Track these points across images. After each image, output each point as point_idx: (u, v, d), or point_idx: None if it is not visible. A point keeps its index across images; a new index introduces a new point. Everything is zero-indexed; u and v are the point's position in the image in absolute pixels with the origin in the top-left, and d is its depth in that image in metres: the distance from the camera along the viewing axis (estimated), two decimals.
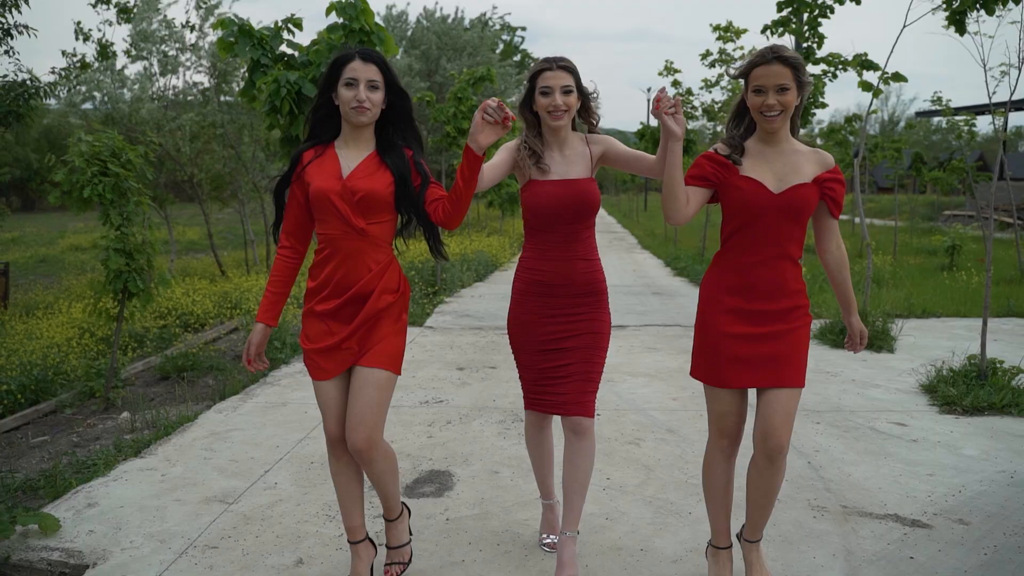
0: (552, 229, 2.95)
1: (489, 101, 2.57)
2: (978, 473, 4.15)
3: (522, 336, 3.06)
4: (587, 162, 2.98)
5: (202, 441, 4.65)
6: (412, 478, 4.07)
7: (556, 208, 2.91)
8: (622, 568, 3.11)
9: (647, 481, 4.02)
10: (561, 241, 2.96)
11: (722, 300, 2.77)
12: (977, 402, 5.28)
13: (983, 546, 3.31)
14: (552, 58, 2.92)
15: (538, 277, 3.00)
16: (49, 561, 3.20)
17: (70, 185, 6.50)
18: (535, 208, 2.93)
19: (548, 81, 2.86)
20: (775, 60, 2.60)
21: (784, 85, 2.60)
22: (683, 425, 4.94)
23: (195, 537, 3.39)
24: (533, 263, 3.01)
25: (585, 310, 2.99)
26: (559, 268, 2.96)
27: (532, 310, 3.02)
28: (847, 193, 4.61)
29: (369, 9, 6.64)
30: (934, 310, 9.41)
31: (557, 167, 2.96)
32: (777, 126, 2.67)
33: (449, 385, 5.98)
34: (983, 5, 6.79)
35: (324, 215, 2.76)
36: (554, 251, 2.96)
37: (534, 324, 3.02)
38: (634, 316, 9.13)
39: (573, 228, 2.95)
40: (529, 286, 3.03)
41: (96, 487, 3.94)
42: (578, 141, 3.02)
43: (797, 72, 2.61)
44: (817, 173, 2.70)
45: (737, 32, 13.20)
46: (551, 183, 2.93)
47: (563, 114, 2.89)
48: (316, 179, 2.76)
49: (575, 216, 2.93)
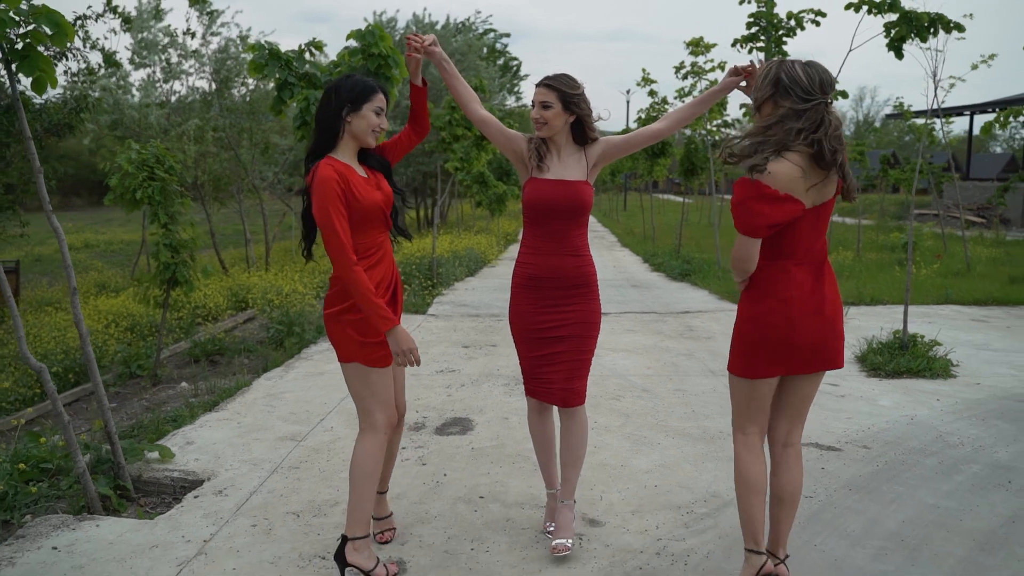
0: (545, 224, 3.22)
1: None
2: (886, 417, 5.25)
3: (518, 325, 3.32)
4: (583, 166, 3.25)
5: (262, 400, 5.66)
6: (440, 423, 5.11)
7: (550, 204, 3.18)
8: (608, 476, 4.17)
9: (625, 423, 5.08)
10: (553, 237, 3.21)
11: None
12: (897, 368, 6.39)
13: (878, 461, 4.40)
14: (545, 77, 3.24)
15: (531, 271, 3.26)
16: (171, 478, 4.20)
17: (123, 188, 7.44)
18: (532, 203, 3.20)
19: (534, 96, 3.23)
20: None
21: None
22: (655, 387, 6.01)
23: (279, 462, 4.40)
24: (527, 258, 3.28)
25: (575, 301, 3.27)
26: (550, 262, 3.22)
27: (526, 301, 3.29)
28: None
29: (387, 35, 7.64)
30: (882, 298, 10.55)
31: (555, 169, 3.24)
32: None
33: (458, 359, 7.01)
34: (917, 34, 7.78)
35: (373, 223, 3.00)
36: (547, 246, 3.22)
37: (529, 315, 3.28)
38: (615, 304, 10.21)
39: (565, 225, 3.21)
40: (524, 280, 3.29)
41: (188, 431, 4.94)
42: (576, 149, 3.29)
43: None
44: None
45: (707, 47, 14.34)
46: (548, 182, 3.21)
47: (541, 126, 3.21)
48: (365, 194, 2.95)
49: (567, 213, 3.19)
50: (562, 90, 3.18)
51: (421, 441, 4.75)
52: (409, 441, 4.73)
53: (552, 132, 3.22)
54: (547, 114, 3.18)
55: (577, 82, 3.24)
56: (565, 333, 3.26)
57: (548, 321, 3.26)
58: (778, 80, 2.64)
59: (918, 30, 7.69)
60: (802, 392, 2.85)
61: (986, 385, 6.09)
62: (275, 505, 3.80)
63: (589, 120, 3.25)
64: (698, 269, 13.57)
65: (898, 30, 7.67)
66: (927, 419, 5.20)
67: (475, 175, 20.22)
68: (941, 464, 4.37)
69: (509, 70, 38.74)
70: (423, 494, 3.95)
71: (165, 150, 7.68)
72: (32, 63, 3.69)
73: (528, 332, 3.30)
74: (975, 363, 6.79)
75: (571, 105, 3.19)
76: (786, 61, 2.67)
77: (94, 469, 4.06)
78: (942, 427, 5.03)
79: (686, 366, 6.68)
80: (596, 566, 3.20)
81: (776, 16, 10.12)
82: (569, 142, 3.29)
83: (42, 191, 3.95)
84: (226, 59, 17.94)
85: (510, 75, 38.37)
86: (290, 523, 3.58)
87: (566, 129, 3.26)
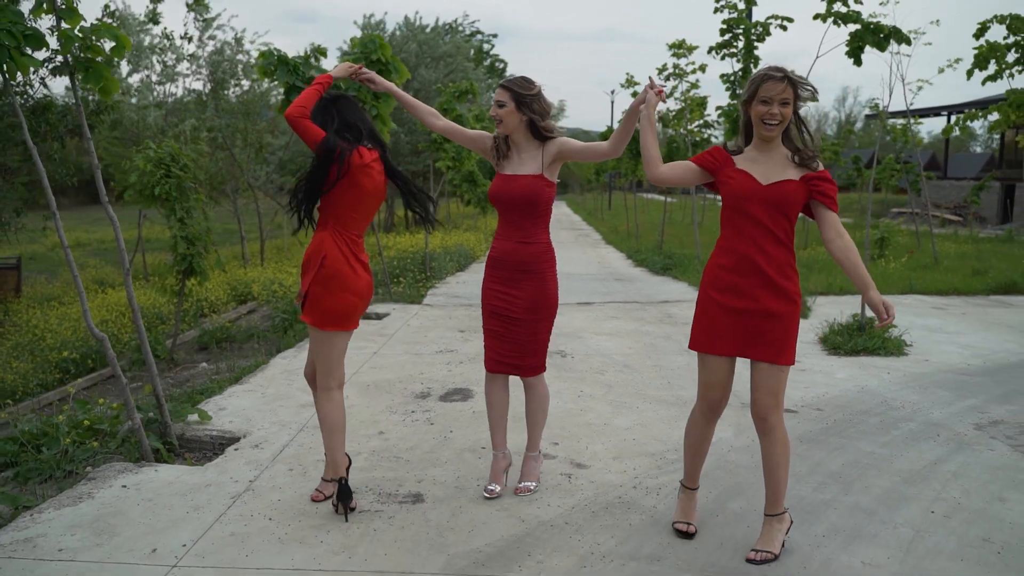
0: (505, 214, 3.63)
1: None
2: (840, 387, 5.91)
3: (483, 301, 3.77)
4: (539, 162, 3.58)
5: (280, 375, 6.25)
6: (443, 392, 5.72)
7: (504, 197, 3.58)
8: (593, 432, 4.80)
9: (608, 392, 5.72)
10: (511, 225, 3.62)
11: (721, 277, 3.16)
12: (855, 347, 7.06)
13: (828, 420, 5.06)
14: (503, 78, 3.89)
15: (494, 254, 3.68)
16: (211, 436, 4.79)
17: (142, 185, 8.01)
18: (491, 195, 3.63)
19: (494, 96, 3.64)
20: (782, 78, 3.02)
21: (786, 99, 3.03)
22: (635, 363, 6.64)
23: (303, 423, 5.00)
24: (495, 242, 3.70)
25: (528, 282, 3.61)
26: (509, 247, 3.61)
27: (490, 279, 3.71)
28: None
29: (386, 44, 8.25)
30: (849, 289, 11.24)
31: (513, 164, 3.63)
32: (774, 135, 3.08)
33: (455, 341, 7.62)
34: (875, 44, 8.42)
35: (374, 207, 3.68)
36: (507, 233, 3.63)
37: (489, 291, 3.71)
38: (599, 295, 10.85)
39: (520, 215, 3.58)
40: (490, 260, 3.71)
41: (219, 400, 5.52)
42: (535, 146, 3.62)
43: (801, 85, 3.07)
44: (804, 174, 3.10)
45: (689, 48, 15.01)
46: (504, 176, 3.62)
47: (499, 123, 3.57)
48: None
49: (520, 205, 3.56)
50: (515, 91, 3.54)
51: (428, 407, 5.36)
52: (417, 406, 5.34)
53: (508, 129, 3.58)
54: (501, 112, 3.54)
55: (533, 84, 3.58)
56: (519, 315, 3.62)
57: (502, 296, 3.65)
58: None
59: (876, 41, 8.34)
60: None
61: (933, 361, 6.77)
62: (305, 455, 4.40)
63: (539, 120, 3.57)
64: (679, 264, 14.22)
65: (855, 40, 8.32)
66: (876, 388, 5.86)
67: (464, 174, 20.80)
68: (882, 422, 5.03)
69: (496, 71, 39.36)
70: (433, 446, 4.56)
71: (179, 149, 8.25)
72: (96, 73, 4.27)
73: (487, 306, 3.72)
74: (927, 344, 7.46)
75: (523, 105, 3.53)
76: None
77: (145, 427, 4.65)
78: (888, 394, 5.69)
79: (664, 346, 7.32)
80: (583, 496, 3.83)
81: (747, 22, 10.80)
82: (528, 139, 3.62)
83: (99, 184, 4.53)
84: (221, 61, 18.45)
85: (497, 76, 38.97)
86: (321, 468, 4.17)
87: (523, 127, 3.59)
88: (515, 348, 3.67)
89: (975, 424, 5.00)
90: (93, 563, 3.16)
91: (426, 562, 3.18)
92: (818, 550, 3.28)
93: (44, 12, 4.26)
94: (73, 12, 4.27)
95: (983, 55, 10.73)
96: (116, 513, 3.62)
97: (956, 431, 4.86)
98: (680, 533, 3.39)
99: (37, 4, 4.24)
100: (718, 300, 3.16)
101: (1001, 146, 31.98)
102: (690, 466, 3.43)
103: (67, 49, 4.22)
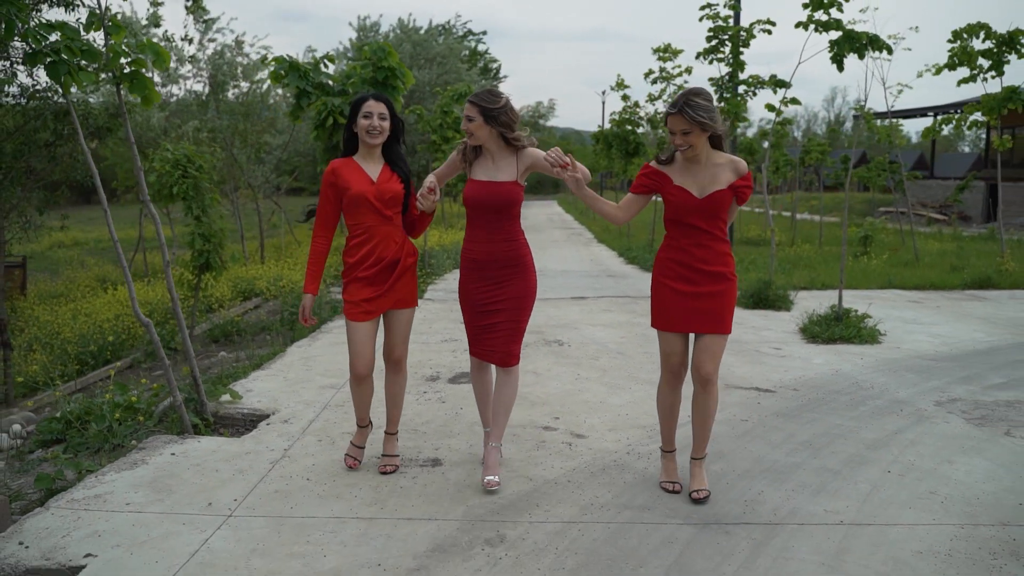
0: (480, 217, 3.78)
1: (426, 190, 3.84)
2: (816, 370, 6.42)
3: (465, 300, 3.92)
4: (513, 170, 3.75)
5: (298, 362, 6.72)
6: (451, 376, 6.20)
7: (479, 201, 3.75)
8: (590, 408, 5.30)
9: (603, 375, 6.21)
10: (487, 227, 3.77)
11: (670, 267, 3.71)
12: (832, 335, 7.58)
13: (802, 398, 5.57)
14: (472, 94, 3.81)
15: (472, 255, 3.83)
16: (242, 413, 5.26)
17: (160, 185, 8.45)
18: (467, 199, 3.78)
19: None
20: (677, 112, 3.42)
21: (685, 130, 3.43)
22: (628, 350, 7.14)
23: (327, 401, 5.47)
24: (468, 244, 3.85)
25: (511, 278, 3.80)
26: (485, 248, 3.77)
27: (470, 280, 3.86)
28: (774, 193, 6.86)
29: (393, 52, 8.73)
30: (832, 284, 11.77)
31: (488, 171, 3.78)
32: (689, 155, 3.53)
33: (458, 332, 8.10)
34: (855, 51, 8.89)
35: (362, 210, 3.79)
36: (481, 234, 3.78)
37: (472, 292, 3.86)
38: (592, 291, 11.36)
39: (496, 217, 3.76)
40: (467, 263, 3.86)
41: (245, 383, 5.99)
42: (509, 154, 3.78)
43: (692, 117, 3.38)
44: (732, 180, 3.56)
45: (675, 52, 15.54)
46: (478, 183, 3.78)
47: (470, 136, 3.72)
48: (353, 185, 3.78)
49: (495, 208, 3.74)
50: (482, 106, 3.67)
51: (439, 388, 5.85)
52: (429, 387, 5.82)
53: (479, 141, 3.75)
54: (471, 126, 3.70)
55: (499, 97, 3.70)
56: (503, 306, 3.82)
57: (489, 297, 3.82)
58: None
59: (855, 48, 8.82)
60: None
61: (905, 348, 7.29)
62: (332, 428, 4.88)
63: (507, 132, 3.72)
64: None
65: (838, 48, 8.80)
66: (849, 371, 6.38)
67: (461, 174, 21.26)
68: (852, 400, 5.54)
69: (489, 72, 39.83)
70: (446, 421, 5.05)
71: (194, 150, 8.70)
72: (140, 84, 4.74)
73: (472, 306, 3.89)
74: (900, 333, 7.99)
75: (491, 119, 3.67)
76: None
77: (184, 404, 5.12)
78: (860, 377, 6.21)
79: (655, 335, 7.82)
80: (583, 460, 4.33)
81: (733, 28, 11.32)
82: (502, 147, 3.77)
83: (141, 183, 5.00)
84: (222, 64, 18.87)
85: (490, 77, 39.44)
86: (347, 438, 4.65)
87: (494, 137, 3.73)
88: (503, 336, 3.85)
89: (935, 401, 5.52)
90: (159, 514, 3.63)
91: (448, 511, 3.67)
92: (787, 501, 3.79)
93: (95, 29, 4.72)
94: (119, 28, 4.75)
95: (955, 56, 11.33)
96: (170, 475, 4.09)
97: (918, 407, 5.37)
98: (667, 492, 3.89)
99: (89, 21, 4.70)
100: (670, 286, 3.71)
101: (987, 146, 32.63)
102: (665, 431, 3.97)
103: (115, 63, 4.69)
